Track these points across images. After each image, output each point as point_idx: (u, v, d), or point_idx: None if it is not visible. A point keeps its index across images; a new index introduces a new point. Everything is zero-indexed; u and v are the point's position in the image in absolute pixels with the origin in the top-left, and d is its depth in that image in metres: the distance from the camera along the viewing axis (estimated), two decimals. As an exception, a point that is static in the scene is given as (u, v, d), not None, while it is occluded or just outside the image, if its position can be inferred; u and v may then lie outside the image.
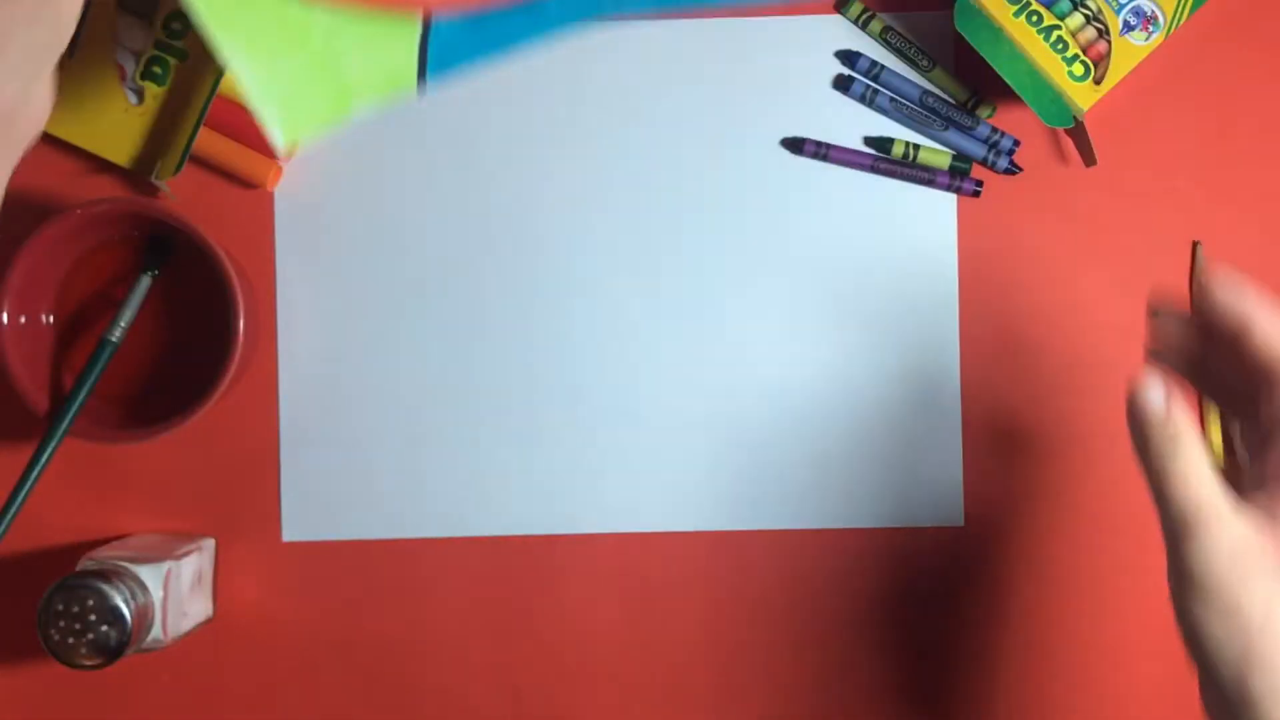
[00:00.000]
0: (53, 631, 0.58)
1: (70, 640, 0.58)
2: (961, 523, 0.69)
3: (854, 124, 0.68)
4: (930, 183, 0.68)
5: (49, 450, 0.63)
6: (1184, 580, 0.46)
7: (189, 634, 0.65)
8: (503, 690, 0.69)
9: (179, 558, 0.63)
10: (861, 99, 0.68)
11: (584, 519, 0.69)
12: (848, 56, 0.68)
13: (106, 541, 0.66)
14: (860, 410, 0.69)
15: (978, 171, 0.69)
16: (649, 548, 0.69)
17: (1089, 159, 0.67)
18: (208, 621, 0.67)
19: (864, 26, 0.68)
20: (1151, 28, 0.66)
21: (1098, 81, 0.66)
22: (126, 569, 0.60)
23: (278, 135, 0.47)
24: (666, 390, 0.69)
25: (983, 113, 0.68)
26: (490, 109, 0.68)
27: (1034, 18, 0.65)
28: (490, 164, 0.69)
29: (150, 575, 0.61)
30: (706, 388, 0.69)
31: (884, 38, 0.68)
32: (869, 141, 0.69)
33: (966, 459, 0.69)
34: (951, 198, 0.69)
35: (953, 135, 0.68)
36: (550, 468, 0.69)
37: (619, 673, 0.69)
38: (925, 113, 0.68)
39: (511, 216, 0.68)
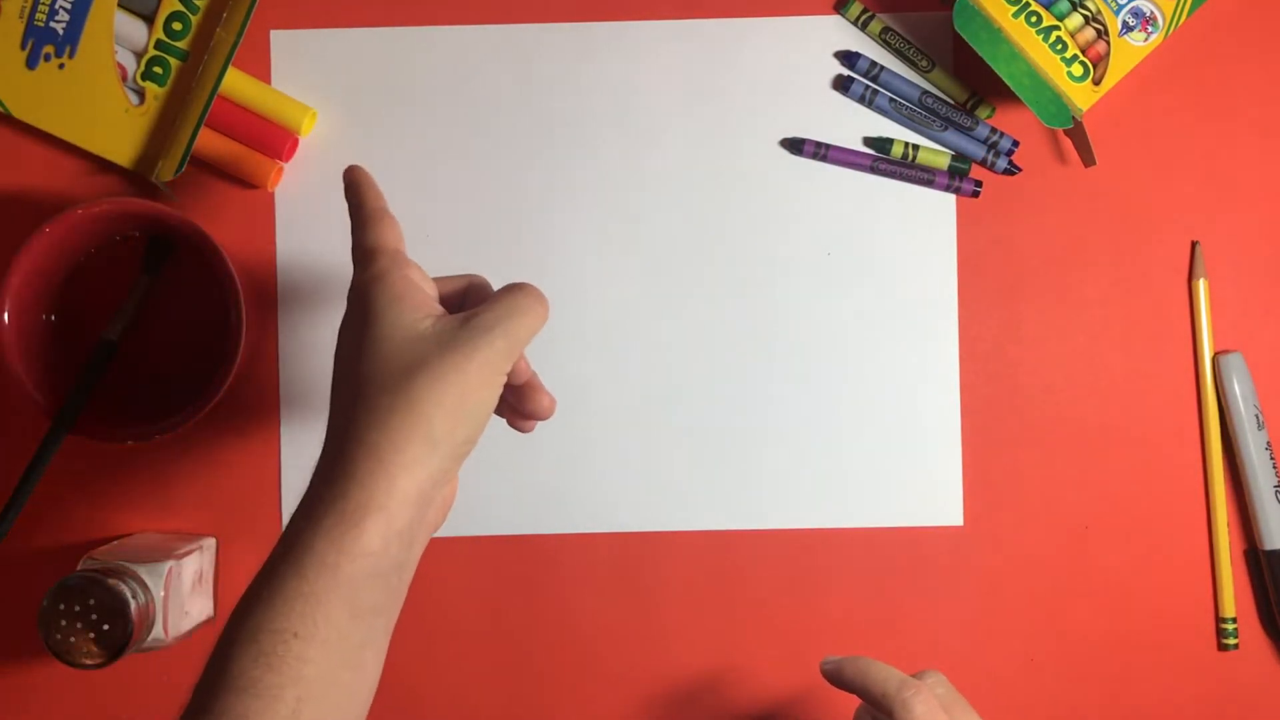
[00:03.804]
0: (54, 631, 0.58)
1: (72, 639, 0.58)
2: (961, 523, 0.69)
3: (853, 124, 0.69)
4: (929, 183, 0.68)
5: (50, 450, 0.63)
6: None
7: (189, 634, 0.65)
8: (503, 690, 0.69)
9: (180, 557, 0.63)
10: (861, 99, 0.68)
11: (584, 519, 0.69)
12: (847, 57, 0.68)
13: (107, 541, 0.66)
14: (860, 410, 0.69)
15: (977, 172, 0.69)
16: (649, 548, 0.69)
17: (1088, 159, 0.67)
18: (209, 621, 0.67)
19: (863, 27, 0.68)
20: (1150, 28, 0.66)
21: (1097, 82, 0.66)
22: (128, 568, 0.60)
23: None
24: (667, 390, 0.69)
25: (982, 113, 0.68)
26: (491, 109, 0.68)
27: (1033, 18, 0.65)
28: (490, 164, 0.69)
29: (151, 575, 0.61)
30: (706, 387, 0.69)
31: (883, 38, 0.68)
32: (868, 142, 0.69)
33: (966, 459, 0.69)
34: (951, 198, 0.69)
35: (952, 136, 0.68)
36: (550, 468, 0.69)
37: (619, 673, 0.69)
38: (924, 113, 0.68)
39: (511, 217, 0.69)
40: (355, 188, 0.56)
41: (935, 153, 0.68)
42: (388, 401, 0.48)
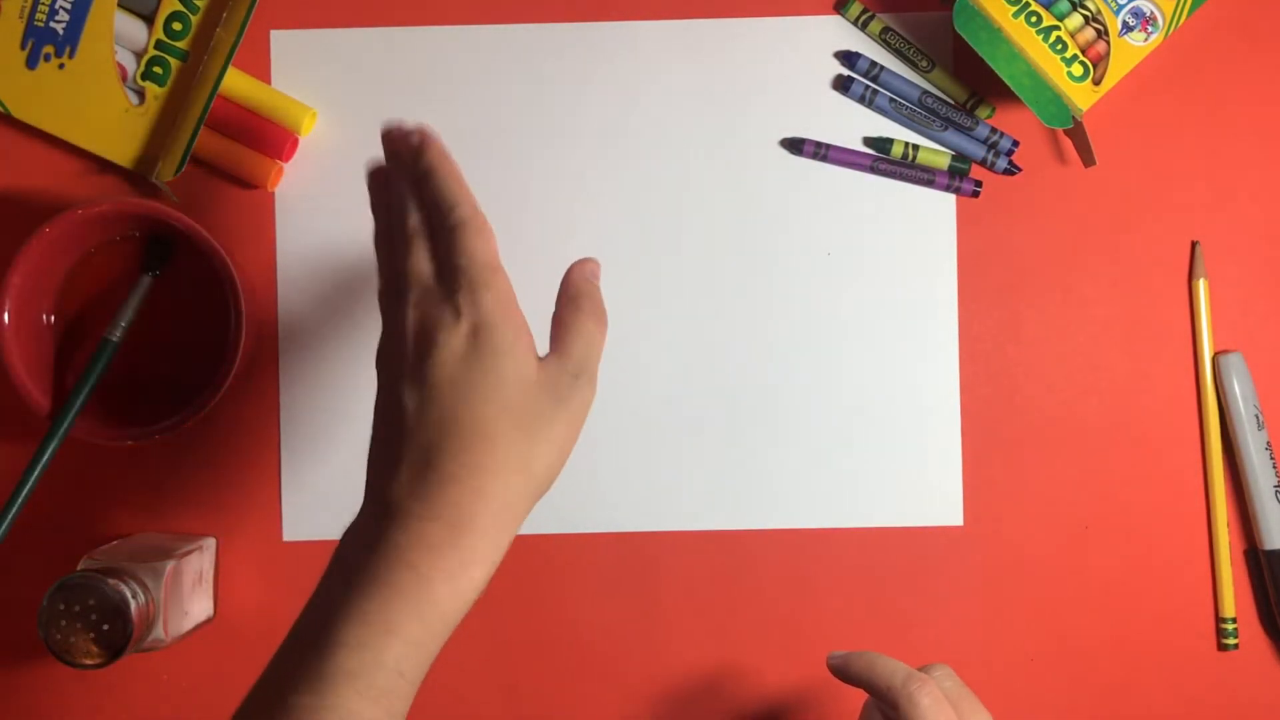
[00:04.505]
0: (54, 631, 0.58)
1: (71, 640, 0.58)
2: (961, 523, 0.69)
3: (853, 124, 0.69)
4: (929, 183, 0.68)
5: (50, 450, 0.63)
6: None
7: (189, 634, 0.65)
8: (501, 689, 0.69)
9: (180, 557, 0.63)
10: (861, 99, 0.68)
11: (584, 519, 0.69)
12: (847, 57, 0.68)
13: (107, 541, 0.66)
14: (860, 410, 0.69)
15: (977, 172, 0.69)
16: (649, 548, 0.69)
17: (1088, 159, 0.67)
18: (208, 621, 0.67)
19: (863, 27, 0.68)
20: (1150, 28, 0.66)
21: (1097, 82, 0.66)
22: (127, 568, 0.60)
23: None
24: (666, 390, 0.69)
25: (982, 113, 0.68)
26: (490, 108, 0.68)
27: (1033, 18, 0.65)
28: (490, 163, 0.69)
29: (151, 575, 0.61)
30: (706, 387, 0.69)
31: (883, 38, 0.68)
32: (868, 142, 0.69)
33: (966, 459, 0.69)
34: (951, 198, 0.69)
35: (952, 136, 0.68)
36: (550, 467, 0.69)
37: (619, 673, 0.69)
38: (924, 113, 0.68)
39: (510, 215, 0.69)
40: (447, 175, 0.52)
41: (935, 153, 0.68)
42: (516, 462, 0.48)
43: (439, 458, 0.48)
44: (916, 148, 0.68)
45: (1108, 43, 0.66)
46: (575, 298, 0.53)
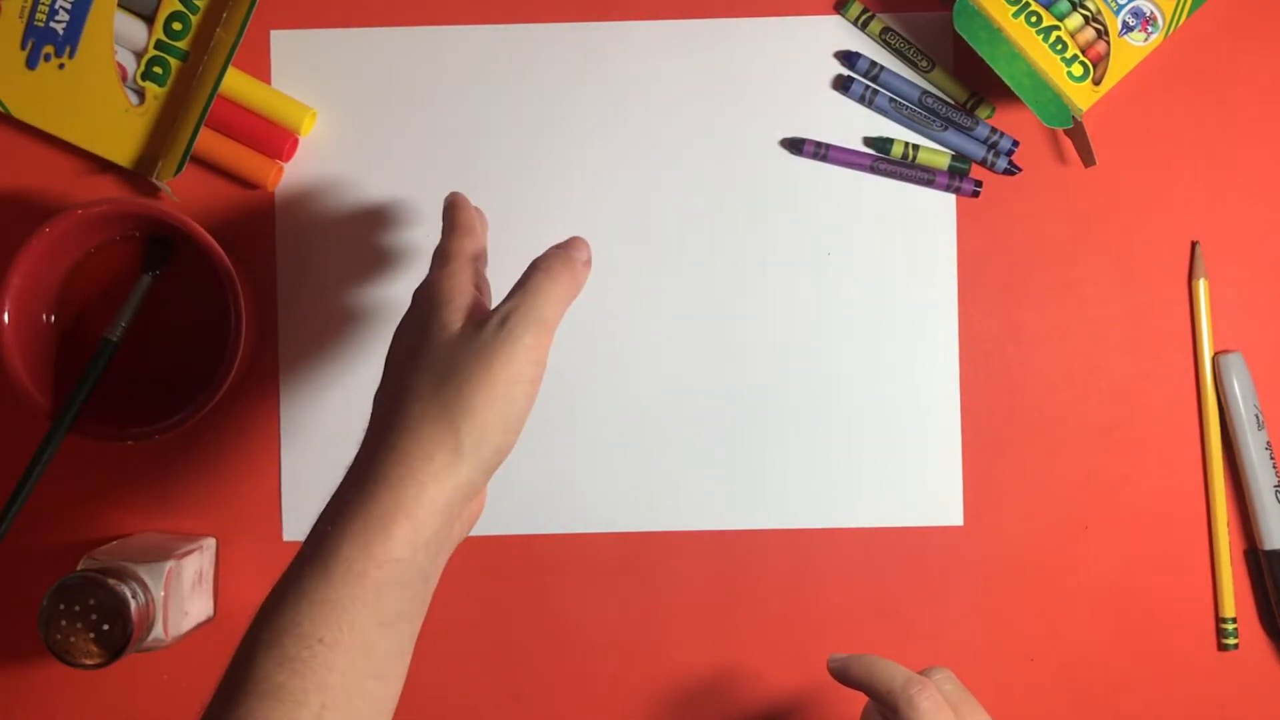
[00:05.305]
0: (54, 631, 0.58)
1: (71, 639, 0.58)
2: (961, 523, 0.69)
3: (854, 124, 0.69)
4: (929, 183, 0.68)
5: (50, 450, 0.63)
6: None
7: (189, 634, 0.65)
8: (503, 690, 0.69)
9: (180, 557, 0.63)
10: (861, 99, 0.68)
11: (584, 519, 0.69)
12: (847, 57, 0.68)
13: (108, 541, 0.66)
14: (860, 410, 0.69)
15: (977, 172, 0.69)
16: (649, 548, 0.69)
17: (1088, 159, 0.67)
18: (208, 621, 0.67)
19: (863, 27, 0.68)
20: (1150, 28, 0.66)
21: (1097, 82, 0.66)
22: (127, 568, 0.60)
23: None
24: (666, 390, 0.69)
25: (982, 113, 0.68)
26: (490, 109, 0.68)
27: (1033, 18, 0.65)
28: (490, 164, 0.69)
29: (151, 575, 0.61)
30: (706, 387, 0.69)
31: (883, 38, 0.68)
32: (868, 142, 0.69)
33: (966, 459, 0.69)
34: (951, 198, 0.69)
35: (952, 136, 0.68)
36: (550, 468, 0.69)
37: (618, 673, 0.69)
38: (924, 113, 0.68)
39: (510, 216, 0.69)
40: (451, 206, 0.57)
41: (935, 153, 0.68)
42: (420, 409, 0.49)
43: (369, 425, 0.51)
44: (916, 148, 0.68)
45: (1108, 43, 0.66)
46: (532, 264, 0.54)
